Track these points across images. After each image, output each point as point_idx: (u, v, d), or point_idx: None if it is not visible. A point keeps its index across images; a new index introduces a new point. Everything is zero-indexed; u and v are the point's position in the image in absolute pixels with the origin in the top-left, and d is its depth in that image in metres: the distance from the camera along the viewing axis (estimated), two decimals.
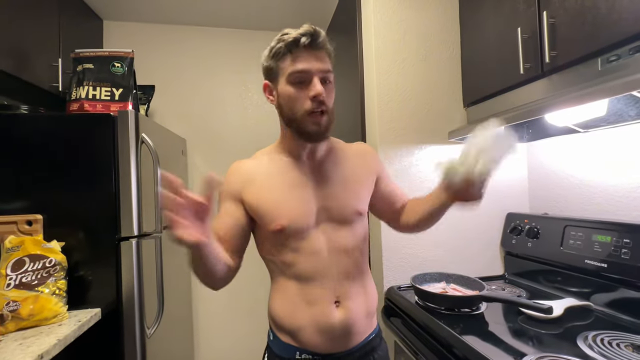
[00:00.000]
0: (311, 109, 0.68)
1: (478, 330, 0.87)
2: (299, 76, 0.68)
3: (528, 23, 0.96)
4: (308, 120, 0.69)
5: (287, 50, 0.68)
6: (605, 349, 0.73)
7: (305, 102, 0.68)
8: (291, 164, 0.76)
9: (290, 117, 0.70)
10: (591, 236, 0.99)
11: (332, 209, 0.74)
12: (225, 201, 0.74)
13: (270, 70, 0.72)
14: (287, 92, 0.69)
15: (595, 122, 0.99)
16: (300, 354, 0.72)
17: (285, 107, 0.71)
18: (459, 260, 1.29)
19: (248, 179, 0.74)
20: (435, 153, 1.29)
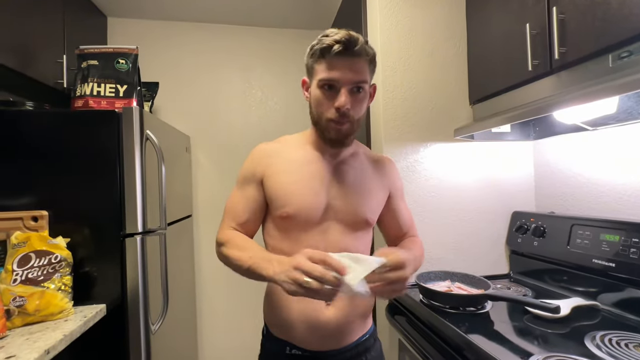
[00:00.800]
0: (334, 118, 0.70)
1: (483, 329, 0.87)
2: (328, 83, 0.69)
3: (537, 19, 0.94)
4: (330, 126, 0.71)
5: (321, 54, 0.69)
6: (614, 349, 0.72)
7: (330, 109, 0.70)
8: (314, 156, 0.78)
9: (316, 119, 0.74)
10: (599, 235, 0.98)
11: (339, 210, 0.75)
12: (248, 183, 0.77)
13: (308, 69, 0.75)
14: (316, 96, 0.72)
15: (605, 120, 0.98)
16: (290, 349, 0.73)
17: (313, 109, 0.74)
18: (463, 258, 1.29)
19: (270, 161, 0.76)
20: (440, 151, 1.28)
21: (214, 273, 2.00)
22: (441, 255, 1.27)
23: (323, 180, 0.75)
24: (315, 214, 0.73)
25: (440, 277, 1.14)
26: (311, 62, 0.72)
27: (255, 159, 0.78)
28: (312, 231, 0.73)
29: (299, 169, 0.75)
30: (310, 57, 0.72)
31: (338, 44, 0.66)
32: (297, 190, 0.73)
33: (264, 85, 2.10)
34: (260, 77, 2.10)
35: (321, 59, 0.69)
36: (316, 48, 0.70)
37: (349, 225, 0.76)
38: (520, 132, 1.29)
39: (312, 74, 0.73)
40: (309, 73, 0.75)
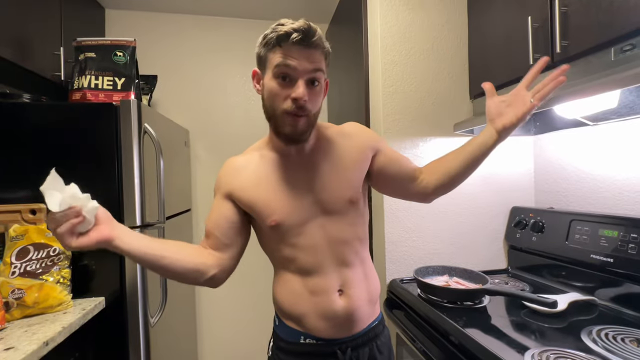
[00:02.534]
0: (290, 109, 0.65)
1: (481, 323, 0.87)
2: (284, 71, 0.64)
3: (539, 11, 0.93)
4: (285, 119, 0.66)
5: (277, 42, 0.64)
6: (610, 344, 0.72)
7: (286, 101, 0.65)
8: (280, 160, 0.74)
9: (270, 112, 0.69)
10: (597, 231, 0.98)
11: (324, 202, 0.73)
12: (218, 198, 0.76)
13: (260, 59, 0.69)
14: (270, 86, 0.66)
15: (606, 115, 0.97)
16: (304, 339, 0.73)
17: (266, 101, 0.69)
18: (462, 253, 1.29)
19: (239, 176, 0.74)
20: (440, 145, 1.27)
21: None
22: (440, 250, 1.27)
23: (298, 180, 0.73)
24: (303, 214, 0.72)
25: (438, 271, 1.14)
26: (264, 51, 0.67)
27: (223, 179, 0.76)
28: (307, 230, 0.72)
29: (271, 177, 0.73)
30: (264, 45, 0.66)
31: (296, 32, 0.62)
32: (277, 199, 0.71)
33: None
34: None
35: (276, 48, 0.64)
36: (271, 36, 0.65)
37: (337, 211, 0.74)
38: (520, 127, 1.28)
39: (265, 64, 0.68)
40: (261, 63, 0.69)
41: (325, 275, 0.72)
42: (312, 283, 0.72)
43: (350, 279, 0.73)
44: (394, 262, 1.24)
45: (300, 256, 0.72)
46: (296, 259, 0.72)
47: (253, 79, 0.73)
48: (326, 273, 0.72)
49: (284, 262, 0.75)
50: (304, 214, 0.72)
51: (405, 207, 1.24)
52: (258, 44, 0.68)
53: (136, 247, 0.64)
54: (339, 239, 0.73)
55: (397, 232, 1.24)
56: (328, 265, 0.72)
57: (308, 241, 0.72)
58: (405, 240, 1.24)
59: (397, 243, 1.24)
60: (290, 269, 0.74)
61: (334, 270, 0.72)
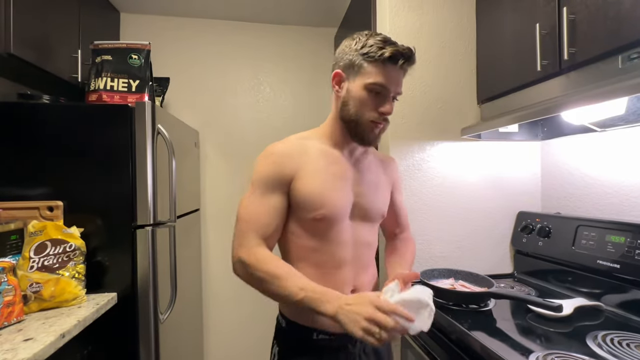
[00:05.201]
0: (376, 120, 0.73)
1: (486, 327, 0.88)
2: (379, 89, 0.71)
3: (547, 19, 0.94)
4: (369, 127, 0.73)
5: (380, 59, 0.69)
6: (615, 349, 0.73)
7: (373, 112, 0.72)
8: (336, 155, 0.78)
9: (353, 118, 0.73)
10: (604, 236, 0.98)
11: (363, 207, 0.79)
12: (273, 189, 0.72)
13: (352, 65, 0.72)
14: (360, 96, 0.72)
15: (613, 121, 0.98)
16: (317, 335, 0.75)
17: (351, 107, 0.73)
18: (468, 257, 1.29)
19: (298, 161, 0.73)
20: (447, 149, 1.28)
21: (220, 265, 2.04)
22: (445, 254, 1.28)
23: (348, 179, 0.78)
24: (345, 213, 0.76)
25: (444, 274, 1.15)
26: (360, 60, 0.71)
27: (280, 162, 0.73)
28: (341, 229, 0.76)
29: (325, 168, 0.75)
30: (360, 55, 0.70)
31: (402, 58, 0.70)
32: (329, 191, 0.73)
33: (274, 81, 2.12)
34: (270, 74, 2.11)
35: (376, 63, 0.70)
36: (374, 51, 0.69)
37: (370, 219, 0.81)
38: (528, 132, 1.29)
39: (357, 71, 0.72)
40: (352, 69, 0.72)
41: (343, 272, 0.76)
42: (330, 279, 0.74)
43: (364, 280, 0.80)
44: None
45: (328, 249, 0.75)
46: (322, 251, 0.75)
47: (333, 79, 0.76)
48: (344, 270, 0.76)
49: (306, 254, 0.75)
50: (344, 212, 0.76)
51: (412, 210, 1.25)
52: (351, 49, 0.72)
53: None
54: (363, 242, 0.80)
55: None
56: (349, 264, 0.77)
57: (340, 236, 0.76)
58: None
59: None
60: (311, 261, 0.75)
61: (353, 270, 0.78)
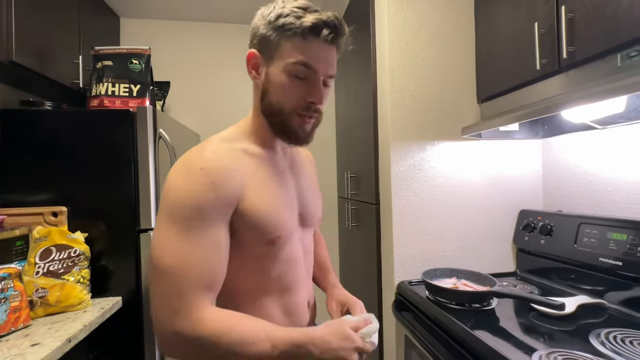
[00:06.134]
0: (303, 111, 0.58)
1: (489, 326, 0.88)
2: (303, 71, 0.56)
3: (545, 17, 0.94)
4: (295, 120, 0.59)
5: (300, 33, 0.54)
6: (618, 346, 0.73)
7: (300, 100, 0.57)
8: (272, 159, 0.64)
9: (275, 109, 0.58)
10: (606, 234, 0.98)
11: (307, 215, 0.69)
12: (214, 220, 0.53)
13: (267, 42, 0.57)
14: (281, 82, 0.57)
15: (613, 119, 0.98)
16: None
17: (272, 96, 0.58)
18: (470, 256, 1.30)
19: (243, 179, 0.56)
20: (448, 149, 1.29)
21: None
22: (447, 253, 1.28)
23: (290, 187, 0.66)
24: (293, 225, 0.64)
25: (446, 274, 1.15)
26: (276, 36, 0.55)
27: (219, 182, 0.53)
28: (293, 245, 0.65)
29: (269, 179, 0.61)
30: (275, 28, 0.55)
31: (327, 28, 0.54)
32: (281, 206, 0.61)
33: None
34: None
35: (298, 38, 0.54)
36: (291, 21, 0.54)
37: (312, 225, 0.72)
38: (528, 130, 1.29)
39: (273, 51, 0.56)
40: (267, 47, 0.57)
41: (300, 290, 0.67)
42: (290, 301, 0.65)
43: (311, 289, 0.74)
44: (402, 265, 1.25)
45: (286, 271, 0.63)
46: (281, 276, 0.63)
47: (248, 62, 0.60)
48: (301, 287, 0.68)
49: (265, 284, 0.62)
50: (294, 225, 0.64)
51: (413, 210, 1.26)
52: (264, 22, 0.57)
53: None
54: (309, 250, 0.72)
55: (405, 235, 1.25)
56: (303, 278, 0.69)
57: (293, 254, 0.64)
58: (413, 243, 1.26)
59: (405, 246, 1.26)
60: (270, 289, 0.62)
61: (305, 282, 0.70)
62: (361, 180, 1.58)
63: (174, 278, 0.49)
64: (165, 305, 0.49)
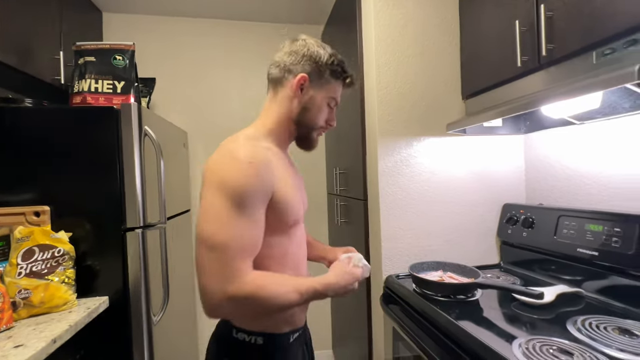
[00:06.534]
0: (323, 129, 0.82)
1: (473, 316, 0.91)
2: (334, 104, 0.81)
3: (526, 15, 0.97)
4: (315, 133, 0.81)
5: (344, 80, 0.79)
6: (593, 332, 0.76)
7: (324, 121, 0.81)
8: (283, 156, 0.80)
9: (308, 123, 0.78)
10: (584, 225, 1.02)
11: (305, 205, 0.85)
12: (257, 204, 0.65)
13: (321, 75, 0.76)
14: (321, 106, 0.78)
15: (590, 114, 1.01)
16: (293, 335, 0.78)
17: (309, 113, 0.77)
18: (456, 249, 1.33)
19: (274, 171, 0.69)
20: (433, 145, 1.31)
21: None
22: (434, 247, 1.31)
23: (296, 181, 0.82)
24: (302, 211, 0.82)
25: (432, 267, 1.17)
26: (328, 75, 0.77)
27: (263, 172, 0.66)
28: (301, 229, 0.82)
29: (286, 172, 0.74)
30: (330, 71, 0.76)
31: (353, 84, 0.81)
32: (297, 196, 0.76)
33: (262, 81, 2.10)
34: (259, 73, 2.11)
35: (338, 81, 0.78)
36: (339, 70, 0.77)
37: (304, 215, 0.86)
38: (511, 126, 1.32)
39: (323, 84, 0.77)
40: (319, 79, 0.76)
41: (303, 268, 0.82)
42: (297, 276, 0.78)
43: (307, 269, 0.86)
44: (389, 259, 1.27)
45: (297, 251, 0.79)
46: (294, 254, 0.78)
47: (298, 82, 0.75)
48: (304, 266, 0.83)
49: (281, 260, 0.74)
50: (303, 213, 0.81)
51: (401, 205, 1.28)
52: (321, 60, 0.75)
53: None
54: (305, 236, 0.88)
55: (393, 229, 1.27)
56: (304, 259, 0.85)
57: (301, 238, 0.81)
58: (400, 237, 1.28)
59: (392, 240, 1.28)
60: (286, 265, 0.75)
61: (305, 262, 0.85)
62: (350, 176, 1.59)
63: (228, 251, 0.61)
64: (219, 274, 0.60)
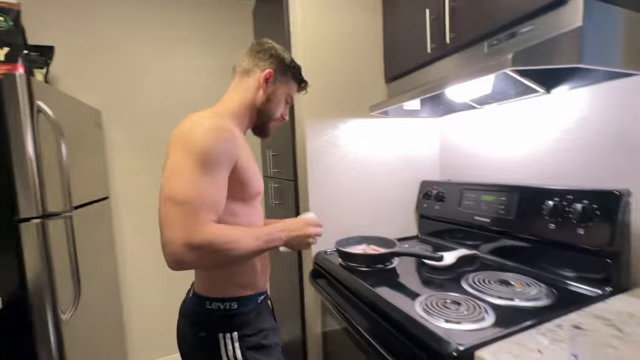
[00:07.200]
0: (278, 121, 0.93)
1: (389, 281, 1.00)
2: (290, 101, 0.94)
3: (435, 4, 1.04)
4: (271, 125, 0.92)
5: (299, 82, 0.93)
6: (479, 285, 0.90)
7: (280, 115, 0.92)
8: (243, 137, 0.86)
9: (269, 115, 0.89)
10: (480, 197, 1.17)
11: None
12: (222, 167, 0.72)
13: (283, 74, 0.88)
14: (280, 99, 0.90)
15: (485, 99, 1.15)
16: (259, 297, 0.86)
17: (271, 104, 0.88)
18: (381, 224, 1.43)
19: (240, 144, 0.77)
20: (359, 126, 1.37)
21: (139, 255, 1.90)
22: (360, 223, 1.39)
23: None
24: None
25: (357, 241, 1.25)
26: (290, 75, 0.90)
27: (232, 140, 0.74)
28: (259, 201, 0.89)
29: (247, 150, 0.83)
30: (292, 72, 0.90)
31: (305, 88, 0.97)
32: (257, 171, 0.84)
33: (187, 57, 1.96)
34: (183, 48, 1.95)
35: (296, 82, 0.93)
36: (298, 74, 0.92)
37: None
38: (429, 109, 1.44)
39: (286, 82, 0.89)
40: (284, 78, 0.89)
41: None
42: None
43: None
44: None
45: (258, 219, 0.87)
46: (258, 223, 0.87)
47: (266, 77, 0.85)
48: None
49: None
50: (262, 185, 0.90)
51: (329, 184, 1.32)
52: (289, 63, 0.89)
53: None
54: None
55: (321, 208, 1.32)
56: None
57: (259, 207, 0.89)
58: (329, 215, 1.33)
59: (321, 218, 1.30)
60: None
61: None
62: (281, 158, 1.59)
63: (192, 203, 0.66)
64: (183, 226, 0.65)
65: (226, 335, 0.78)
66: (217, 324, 0.79)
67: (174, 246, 0.64)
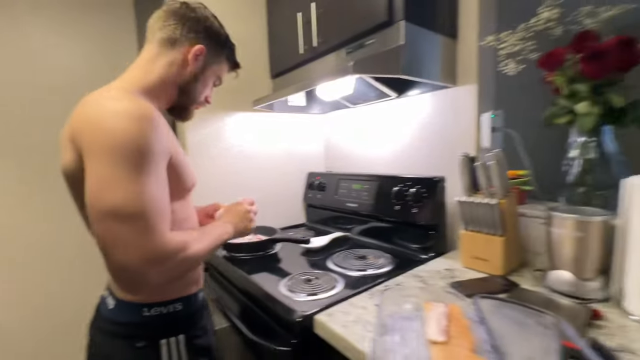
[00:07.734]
0: (201, 103, 0.81)
1: (267, 267, 1.06)
2: (218, 83, 0.82)
3: (306, 9, 1.13)
4: (193, 107, 0.80)
5: (231, 63, 0.83)
6: (340, 262, 1.03)
7: (204, 96, 0.80)
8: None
9: (192, 92, 0.76)
10: (351, 185, 1.34)
11: None
12: (160, 162, 0.60)
13: (216, 53, 0.76)
14: (207, 80, 0.77)
15: (354, 99, 1.31)
16: (200, 294, 0.80)
17: (197, 84, 0.75)
18: (271, 214, 1.49)
19: (168, 130, 0.65)
20: (246, 120, 1.40)
21: None
22: None
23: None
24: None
25: None
26: (224, 56, 0.78)
27: (162, 129, 0.60)
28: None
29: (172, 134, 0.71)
30: (225, 50, 0.78)
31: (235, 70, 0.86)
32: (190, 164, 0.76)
33: (43, 31, 1.65)
34: (35, 20, 1.64)
35: (228, 62, 0.81)
36: (233, 55, 0.81)
37: None
38: (314, 106, 1.55)
39: (216, 61, 0.77)
40: (216, 55, 0.76)
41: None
42: None
43: None
44: None
45: (192, 214, 0.79)
46: (192, 216, 0.79)
47: (196, 53, 0.71)
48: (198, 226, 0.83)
49: (183, 224, 0.74)
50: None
51: (212, 174, 1.32)
52: (223, 42, 0.77)
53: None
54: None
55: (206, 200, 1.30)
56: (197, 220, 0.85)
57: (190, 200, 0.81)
58: None
59: None
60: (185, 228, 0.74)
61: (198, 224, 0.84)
62: None
63: (144, 216, 0.54)
64: (139, 244, 0.54)
65: (170, 341, 0.68)
66: (158, 330, 0.68)
67: (134, 269, 0.54)
